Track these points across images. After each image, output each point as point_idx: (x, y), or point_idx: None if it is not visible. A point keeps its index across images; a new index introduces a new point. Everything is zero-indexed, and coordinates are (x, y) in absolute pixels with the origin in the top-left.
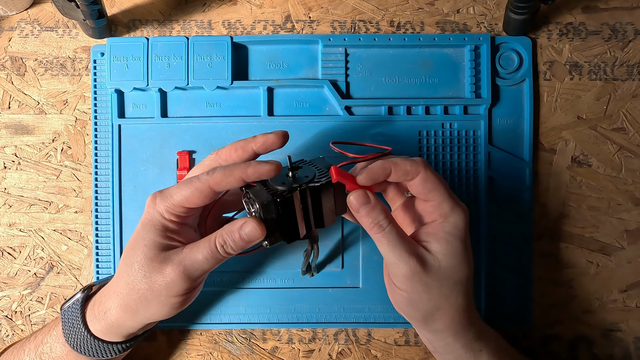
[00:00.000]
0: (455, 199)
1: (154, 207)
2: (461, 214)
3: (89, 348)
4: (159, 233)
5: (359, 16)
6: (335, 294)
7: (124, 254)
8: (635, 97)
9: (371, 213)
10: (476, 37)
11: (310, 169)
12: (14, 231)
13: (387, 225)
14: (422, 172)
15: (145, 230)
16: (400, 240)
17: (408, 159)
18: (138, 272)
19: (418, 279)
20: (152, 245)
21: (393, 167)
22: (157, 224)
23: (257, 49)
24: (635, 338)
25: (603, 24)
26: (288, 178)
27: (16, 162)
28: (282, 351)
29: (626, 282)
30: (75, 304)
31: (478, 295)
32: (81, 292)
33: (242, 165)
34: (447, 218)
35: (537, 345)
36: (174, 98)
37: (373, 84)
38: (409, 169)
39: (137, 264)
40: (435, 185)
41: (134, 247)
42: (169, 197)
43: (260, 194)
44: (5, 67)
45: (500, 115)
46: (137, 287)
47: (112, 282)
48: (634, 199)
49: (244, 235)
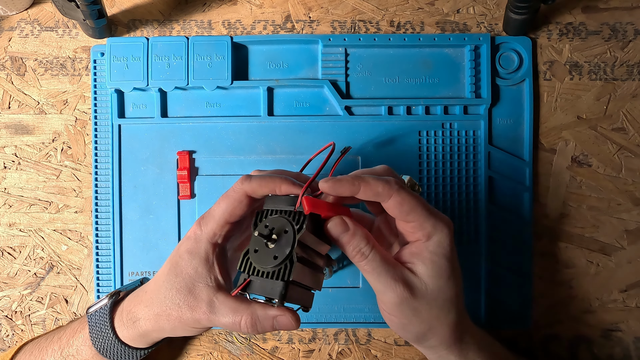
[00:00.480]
0: (436, 216)
1: (201, 232)
2: (444, 230)
3: (115, 352)
4: (204, 264)
5: (359, 16)
6: (335, 294)
7: (170, 267)
8: (635, 97)
9: (351, 241)
10: (476, 37)
11: (278, 220)
12: (14, 231)
13: (369, 252)
14: (396, 195)
15: (191, 258)
16: (385, 266)
17: (380, 180)
18: (175, 298)
19: (407, 305)
20: (195, 276)
21: (362, 186)
22: (203, 253)
23: (257, 49)
24: (635, 338)
25: (603, 24)
26: (269, 248)
27: (16, 162)
28: (282, 351)
29: (626, 282)
30: (103, 309)
31: (478, 296)
32: (108, 298)
33: (276, 179)
34: (430, 237)
35: (537, 345)
36: (174, 98)
37: (373, 84)
38: (380, 190)
39: (176, 291)
40: (412, 206)
41: (177, 268)
42: (211, 217)
43: (273, 290)
44: (5, 67)
45: (500, 115)
46: (169, 312)
47: (147, 291)
48: (634, 199)
49: (276, 325)
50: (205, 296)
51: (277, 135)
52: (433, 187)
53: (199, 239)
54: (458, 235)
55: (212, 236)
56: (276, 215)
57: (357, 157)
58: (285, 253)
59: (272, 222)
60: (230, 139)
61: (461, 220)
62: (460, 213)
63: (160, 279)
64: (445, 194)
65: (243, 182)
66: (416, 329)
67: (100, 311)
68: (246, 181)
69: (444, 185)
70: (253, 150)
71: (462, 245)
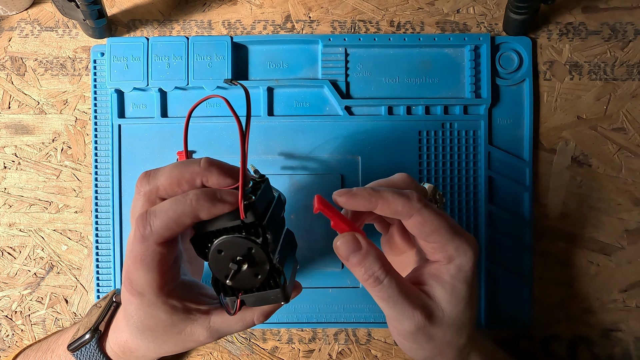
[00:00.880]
0: (460, 236)
1: (136, 290)
2: (468, 252)
3: None
4: (172, 310)
5: (359, 16)
6: (335, 294)
7: (138, 327)
8: (635, 97)
9: (364, 262)
10: (476, 37)
11: (232, 242)
12: (14, 231)
13: (384, 278)
14: (417, 214)
15: (153, 314)
16: (402, 294)
17: (401, 196)
18: (168, 346)
19: (423, 334)
20: (171, 324)
21: (380, 202)
22: (161, 306)
23: (257, 49)
24: (635, 338)
25: (603, 24)
26: (244, 270)
27: (16, 162)
28: (282, 351)
29: (626, 282)
30: (91, 347)
31: (478, 295)
32: (90, 333)
33: (193, 167)
34: (452, 260)
35: (537, 345)
36: (174, 98)
37: (373, 84)
38: (399, 209)
39: (163, 342)
40: (435, 227)
41: (146, 326)
42: (136, 271)
43: (275, 298)
44: (5, 67)
45: (500, 115)
46: (169, 351)
47: (128, 341)
48: (634, 199)
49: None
50: (199, 330)
51: (277, 135)
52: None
53: (145, 295)
54: None
55: (158, 290)
56: (224, 238)
57: (357, 157)
58: (266, 270)
59: (226, 247)
60: (230, 139)
61: (461, 220)
62: (460, 213)
63: (134, 335)
64: (445, 194)
65: (142, 183)
66: (427, 353)
67: (89, 348)
68: (145, 180)
69: (444, 186)
70: (253, 150)
71: None
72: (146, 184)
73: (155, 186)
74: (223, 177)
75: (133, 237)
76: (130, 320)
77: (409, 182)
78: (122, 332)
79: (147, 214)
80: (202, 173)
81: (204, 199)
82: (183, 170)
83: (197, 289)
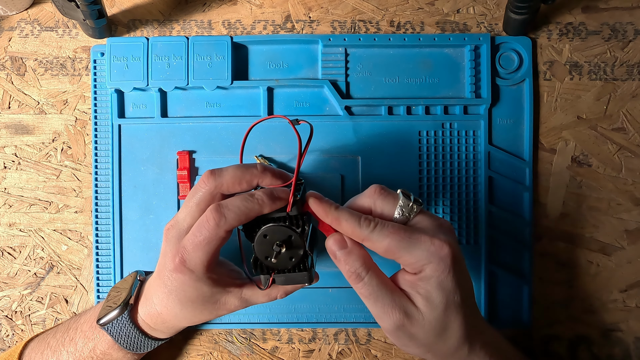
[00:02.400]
0: (424, 246)
1: (188, 267)
2: (434, 260)
3: (145, 345)
4: (212, 284)
5: (359, 16)
6: (335, 294)
7: (176, 296)
8: (635, 97)
9: (347, 259)
10: (476, 37)
11: (277, 230)
12: (14, 231)
13: (365, 275)
14: (366, 240)
15: (196, 287)
16: (382, 291)
17: (353, 221)
18: (202, 315)
19: (403, 332)
20: (211, 295)
21: (335, 225)
22: (204, 280)
23: (257, 49)
24: (635, 338)
25: (603, 24)
26: (282, 253)
27: (16, 162)
28: (282, 351)
29: (626, 282)
30: (123, 319)
31: (478, 296)
32: (120, 309)
33: (253, 169)
34: (421, 271)
35: (537, 345)
36: (174, 98)
37: (373, 84)
38: (351, 233)
39: (199, 312)
40: (385, 247)
41: (185, 297)
42: (194, 247)
43: (302, 279)
44: (5, 67)
45: (500, 115)
46: (200, 319)
47: (162, 313)
48: (634, 199)
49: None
50: (232, 300)
51: (277, 135)
52: (433, 187)
53: (194, 272)
54: (458, 236)
55: (207, 268)
56: (272, 225)
57: (357, 157)
58: (300, 254)
59: (271, 234)
60: (230, 139)
61: (461, 220)
62: (460, 213)
63: (172, 307)
64: (445, 193)
65: (209, 179)
66: (414, 351)
67: (120, 320)
68: (211, 177)
69: (444, 185)
70: (253, 150)
71: (462, 245)
72: (212, 180)
73: (221, 183)
74: (275, 179)
75: (204, 223)
76: (171, 294)
77: (375, 195)
78: (156, 305)
79: (221, 207)
80: (259, 176)
81: (267, 197)
82: (245, 172)
83: (229, 266)
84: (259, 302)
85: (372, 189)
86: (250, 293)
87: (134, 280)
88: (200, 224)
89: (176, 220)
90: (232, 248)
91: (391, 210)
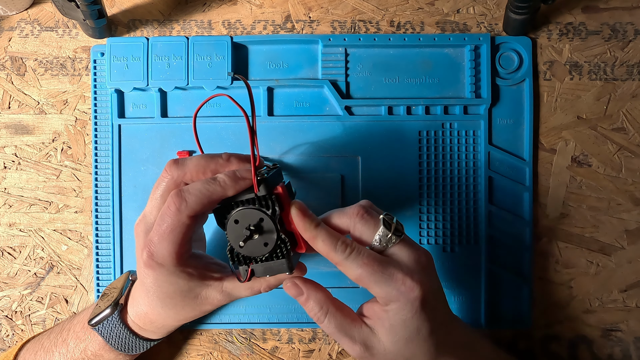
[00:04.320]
0: (396, 282)
1: (158, 263)
2: (401, 299)
3: (137, 346)
4: (189, 278)
5: (359, 16)
6: (335, 294)
7: (155, 293)
8: (635, 97)
9: (306, 305)
10: (476, 37)
11: (247, 213)
12: (14, 231)
13: (324, 319)
14: (340, 265)
15: (172, 281)
16: (342, 328)
17: (330, 243)
18: (185, 313)
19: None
20: (188, 289)
21: (312, 243)
22: (181, 276)
23: (257, 49)
24: (635, 338)
25: (603, 24)
26: (255, 239)
27: (16, 162)
28: (282, 351)
29: (626, 282)
30: (113, 319)
31: (478, 296)
32: (111, 307)
33: (216, 156)
34: (388, 303)
35: (537, 345)
36: (174, 98)
37: (373, 84)
38: (326, 255)
39: (181, 308)
40: (356, 277)
41: (163, 293)
42: (161, 240)
43: (280, 268)
44: (5, 67)
45: (500, 115)
46: (185, 318)
47: (148, 313)
48: (634, 199)
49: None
50: (213, 294)
51: (277, 135)
52: (433, 187)
53: (164, 266)
54: (458, 236)
55: (177, 259)
56: (241, 209)
57: (357, 157)
58: (274, 239)
59: (242, 218)
60: (230, 139)
61: (461, 220)
62: (460, 213)
63: (154, 305)
64: (445, 193)
65: (172, 168)
66: None
67: (111, 321)
68: (174, 166)
69: (444, 185)
70: None
71: (462, 245)
72: (175, 169)
73: (184, 172)
74: (242, 164)
75: (165, 210)
76: (149, 291)
77: (357, 218)
78: (142, 305)
79: (182, 192)
80: (224, 164)
81: (229, 178)
82: (209, 161)
83: (208, 259)
84: (242, 295)
85: (354, 209)
86: (231, 286)
87: (125, 279)
88: (163, 212)
89: (144, 214)
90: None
91: (370, 237)
